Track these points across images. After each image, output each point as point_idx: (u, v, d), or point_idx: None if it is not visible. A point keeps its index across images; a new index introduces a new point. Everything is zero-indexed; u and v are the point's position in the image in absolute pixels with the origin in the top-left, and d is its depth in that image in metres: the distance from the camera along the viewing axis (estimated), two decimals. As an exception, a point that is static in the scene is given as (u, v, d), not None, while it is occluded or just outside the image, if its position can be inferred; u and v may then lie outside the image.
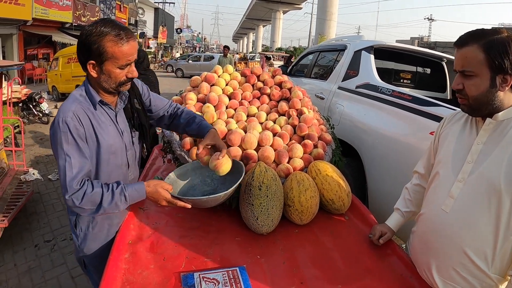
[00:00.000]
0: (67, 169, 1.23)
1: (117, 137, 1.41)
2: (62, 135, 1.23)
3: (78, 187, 1.23)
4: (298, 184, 1.60)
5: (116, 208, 1.30)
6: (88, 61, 1.24)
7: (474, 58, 1.05)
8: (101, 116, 1.35)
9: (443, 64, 3.90)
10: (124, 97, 1.45)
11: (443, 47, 13.60)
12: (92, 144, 1.32)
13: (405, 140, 2.35)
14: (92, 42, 1.20)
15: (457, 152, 1.19)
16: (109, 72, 1.27)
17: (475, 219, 1.10)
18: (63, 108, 1.27)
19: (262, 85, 2.33)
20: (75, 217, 1.47)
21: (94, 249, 1.50)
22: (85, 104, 1.31)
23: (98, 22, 1.23)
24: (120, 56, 1.24)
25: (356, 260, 1.44)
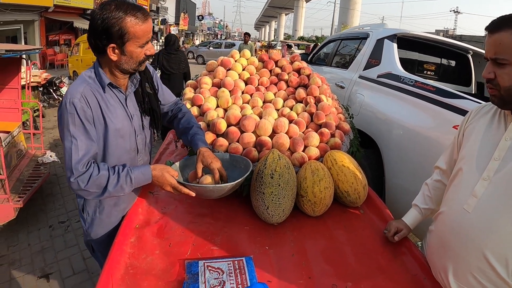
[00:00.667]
0: (73, 151, 1.21)
1: (126, 120, 1.39)
2: (69, 116, 1.21)
3: (84, 170, 1.21)
4: (313, 173, 1.54)
5: (121, 191, 1.28)
6: (109, 44, 1.22)
7: (509, 44, 0.96)
8: (110, 99, 1.33)
9: (469, 57, 3.77)
10: (135, 80, 1.43)
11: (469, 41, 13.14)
12: (100, 126, 1.30)
13: (427, 133, 2.26)
14: (111, 26, 1.18)
15: (483, 148, 1.10)
16: (131, 53, 1.26)
17: (499, 221, 1.02)
18: (71, 90, 1.25)
19: (280, 71, 2.27)
20: (82, 201, 1.46)
21: (100, 234, 1.50)
22: (94, 85, 1.29)
23: (110, 4, 1.19)
24: (141, 35, 1.24)
25: (369, 257, 1.38)
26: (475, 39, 10.76)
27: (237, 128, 1.79)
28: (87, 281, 2.58)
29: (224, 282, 1.13)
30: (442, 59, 3.99)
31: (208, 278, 1.15)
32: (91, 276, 2.62)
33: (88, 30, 1.26)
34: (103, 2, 1.23)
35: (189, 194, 1.34)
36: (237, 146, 1.71)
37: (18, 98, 4.03)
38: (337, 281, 1.22)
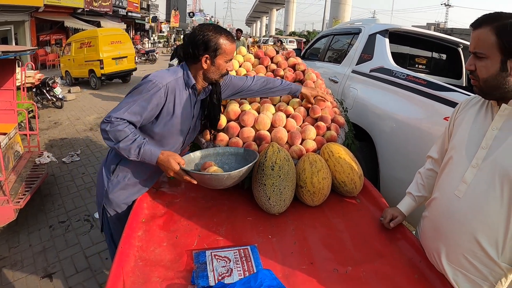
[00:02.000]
0: (123, 108, 1.44)
1: (188, 119, 1.62)
2: (144, 90, 1.44)
3: (117, 120, 1.42)
4: (311, 165, 1.60)
5: (128, 153, 1.44)
6: (204, 55, 1.49)
7: (486, 40, 1.04)
8: (185, 97, 1.56)
9: (459, 50, 3.81)
10: (207, 89, 1.65)
11: (460, 34, 13.24)
12: (167, 115, 1.53)
13: (419, 125, 2.31)
14: (210, 40, 1.47)
15: (472, 137, 1.17)
16: (219, 65, 1.53)
17: (487, 205, 1.08)
18: (162, 74, 1.49)
19: (275, 67, 2.31)
20: (116, 164, 1.62)
21: (119, 197, 1.64)
22: (180, 82, 1.53)
23: (209, 26, 1.52)
24: (229, 52, 1.53)
25: (366, 242, 1.44)
26: (466, 32, 10.82)
27: (236, 123, 1.83)
28: (90, 279, 2.60)
29: (231, 270, 1.19)
30: (433, 53, 4.05)
31: (216, 266, 1.20)
32: (94, 274, 2.64)
33: (188, 41, 1.52)
34: (202, 23, 1.49)
35: (191, 182, 1.46)
36: (237, 140, 1.76)
37: (13, 99, 4.02)
38: (338, 266, 1.28)
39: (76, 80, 11.64)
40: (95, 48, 10.69)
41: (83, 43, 11.03)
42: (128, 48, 11.83)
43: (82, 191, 4.03)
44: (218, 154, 1.70)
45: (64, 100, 8.23)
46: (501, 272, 1.10)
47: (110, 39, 11.16)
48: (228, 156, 1.69)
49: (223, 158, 1.69)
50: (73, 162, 4.87)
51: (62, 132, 6.29)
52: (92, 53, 10.72)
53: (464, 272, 1.16)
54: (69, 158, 4.92)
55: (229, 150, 1.70)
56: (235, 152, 1.70)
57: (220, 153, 1.70)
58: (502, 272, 1.10)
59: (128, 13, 23.79)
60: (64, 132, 6.30)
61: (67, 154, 5.09)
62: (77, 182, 4.24)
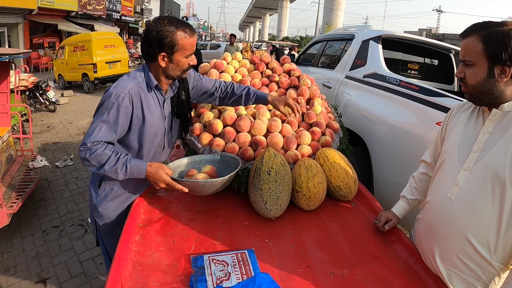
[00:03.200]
0: (95, 131, 1.40)
1: (160, 120, 1.58)
2: (109, 105, 1.40)
3: (94, 145, 1.39)
4: (306, 170, 1.62)
5: (115, 174, 1.42)
6: (160, 53, 1.41)
7: (473, 48, 1.09)
8: (151, 100, 1.52)
9: (451, 56, 3.88)
10: (174, 87, 1.61)
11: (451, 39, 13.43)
12: (138, 121, 1.49)
13: (412, 130, 2.35)
14: (164, 37, 1.38)
15: (464, 141, 1.20)
16: (178, 62, 1.45)
17: (479, 207, 1.11)
18: (121, 83, 1.44)
19: (270, 73, 2.34)
20: (100, 179, 1.60)
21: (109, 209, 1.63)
22: (142, 85, 1.48)
23: (164, 19, 1.41)
24: (188, 47, 1.44)
25: (362, 245, 1.46)
26: (457, 37, 10.98)
27: (233, 128, 1.85)
28: (84, 284, 2.58)
29: (229, 274, 1.20)
30: (425, 58, 4.11)
31: (214, 270, 1.21)
32: (89, 279, 2.62)
33: (143, 39, 1.46)
34: (157, 17, 1.45)
35: (182, 190, 1.46)
36: (234, 145, 1.78)
37: (7, 103, 3.99)
38: (334, 269, 1.30)
39: (69, 84, 11.57)
40: (89, 51, 10.65)
41: (77, 47, 10.98)
42: (121, 52, 11.82)
43: (75, 195, 4.01)
44: (195, 162, 1.71)
45: (57, 104, 8.18)
46: (494, 272, 1.13)
47: (104, 43, 11.13)
48: (205, 163, 1.71)
49: (201, 165, 1.70)
50: (67, 166, 4.84)
51: (55, 136, 6.25)
52: (86, 57, 10.68)
53: (458, 273, 1.19)
54: (62, 162, 4.89)
55: (206, 158, 1.73)
56: (211, 159, 1.72)
57: (196, 161, 1.71)
58: (495, 271, 1.13)
59: (121, 17, 23.71)
60: (57, 136, 6.26)
61: (60, 158, 5.06)
62: (70, 187, 4.22)
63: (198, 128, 1.84)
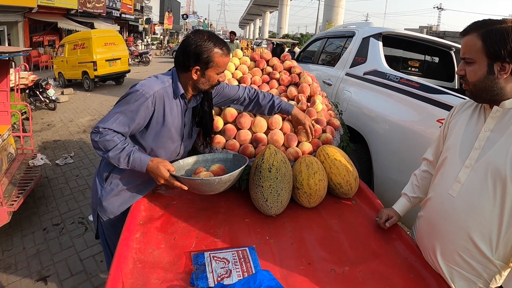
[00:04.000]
0: (111, 119, 1.42)
1: (179, 127, 1.59)
2: (132, 100, 1.42)
3: (105, 130, 1.42)
4: (307, 167, 1.61)
5: (118, 162, 1.44)
6: (195, 66, 1.45)
7: (473, 45, 1.10)
8: (175, 107, 1.53)
9: (452, 53, 3.87)
10: (198, 97, 1.64)
11: (452, 37, 13.41)
12: (157, 124, 1.51)
13: (412, 127, 2.34)
14: (202, 52, 1.41)
15: (465, 138, 1.20)
16: (209, 77, 1.49)
17: (480, 204, 1.11)
18: (149, 83, 1.46)
19: (271, 70, 2.33)
20: (109, 172, 1.61)
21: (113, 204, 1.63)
22: (168, 90, 1.50)
23: (204, 34, 1.44)
24: (222, 65, 1.48)
25: (363, 243, 1.46)
26: (458, 35, 10.95)
27: (233, 126, 1.85)
28: (85, 282, 2.59)
29: (230, 271, 1.20)
30: (425, 56, 4.10)
31: (215, 267, 1.21)
32: (89, 277, 2.63)
33: (179, 49, 1.47)
34: (197, 30, 1.49)
35: (181, 187, 1.45)
36: (234, 142, 1.78)
37: (7, 101, 3.99)
38: (335, 266, 1.30)
39: (69, 82, 11.56)
40: (89, 49, 10.64)
41: (77, 45, 10.97)
42: (121, 49, 11.80)
43: (76, 193, 4.01)
44: (207, 160, 1.70)
45: (57, 102, 8.17)
46: (495, 269, 1.13)
47: (104, 40, 11.12)
48: (217, 162, 1.69)
49: (212, 164, 1.68)
50: (67, 164, 4.84)
51: (55, 134, 6.25)
52: (86, 55, 10.67)
53: (459, 270, 1.19)
54: (62, 160, 4.89)
55: (218, 156, 1.71)
56: (224, 158, 1.70)
57: (209, 159, 1.70)
58: (496, 269, 1.13)
59: (121, 14, 23.70)
60: (57, 134, 6.25)
61: (60, 156, 5.06)
62: (70, 185, 4.22)
63: None
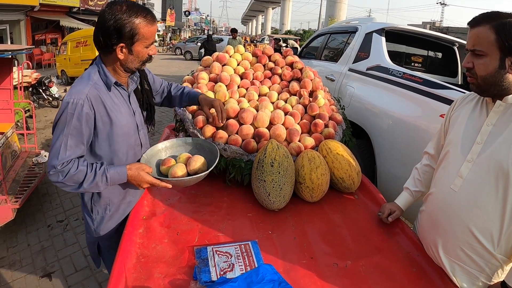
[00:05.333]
0: (61, 149, 1.23)
1: (130, 117, 1.42)
2: (68, 116, 1.22)
3: (64, 166, 1.24)
4: (310, 161, 1.61)
5: (96, 188, 1.31)
6: (118, 44, 1.25)
7: (485, 38, 1.06)
8: (114, 98, 1.36)
9: (455, 49, 3.84)
10: (135, 78, 1.47)
11: (455, 33, 13.32)
12: (105, 126, 1.32)
13: (415, 122, 2.34)
14: (123, 26, 1.21)
15: (467, 132, 1.20)
16: (138, 52, 1.30)
17: (482, 199, 1.11)
18: (75, 89, 1.26)
19: (273, 65, 2.33)
20: (91, 203, 1.47)
21: (109, 229, 1.53)
22: (99, 85, 1.31)
23: (122, 5, 1.23)
24: (149, 36, 1.28)
25: (365, 237, 1.46)
26: (461, 30, 10.88)
27: (235, 121, 1.85)
28: (89, 277, 2.60)
29: (233, 265, 1.20)
30: (429, 51, 4.08)
31: (218, 262, 1.21)
32: (94, 273, 2.64)
33: (96, 28, 1.26)
34: (112, 1, 1.26)
35: (166, 187, 1.42)
36: (237, 137, 1.77)
37: (10, 99, 4.00)
38: (337, 260, 1.31)
39: (72, 80, 11.54)
40: (91, 47, 10.61)
41: (79, 42, 10.96)
42: (124, 47, 11.77)
43: (80, 190, 4.02)
44: (167, 148, 1.63)
45: (60, 100, 8.18)
46: (497, 264, 1.13)
47: (106, 38, 11.10)
48: (177, 148, 1.64)
49: (173, 151, 1.63)
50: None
51: (58, 132, 6.25)
52: (88, 52, 10.66)
53: (461, 264, 1.18)
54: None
55: (176, 142, 1.65)
56: (183, 143, 1.65)
57: (168, 146, 1.63)
58: (499, 263, 1.13)
59: (123, 12, 23.65)
60: (60, 132, 6.26)
61: (64, 154, 5.06)
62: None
63: (201, 120, 1.83)
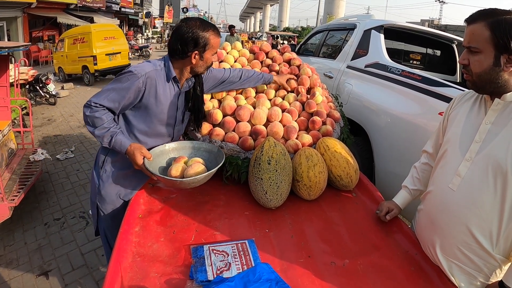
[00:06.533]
0: (103, 95, 1.50)
1: (172, 110, 1.65)
2: (124, 79, 1.50)
3: (97, 106, 1.49)
4: (307, 159, 1.60)
5: (101, 140, 1.52)
6: (194, 51, 1.53)
7: (480, 35, 1.06)
8: (167, 89, 1.60)
9: (453, 47, 3.83)
10: (190, 82, 1.68)
11: (454, 31, 13.33)
12: (147, 104, 1.56)
13: (414, 120, 2.33)
14: (199, 37, 1.51)
15: (466, 131, 1.18)
16: (207, 59, 1.58)
17: (481, 198, 1.10)
18: (142, 66, 1.54)
19: (270, 62, 2.31)
20: (103, 158, 1.67)
21: (111, 193, 1.67)
22: (161, 73, 1.57)
23: (196, 21, 1.53)
24: (216, 46, 1.59)
25: (363, 236, 1.45)
26: (460, 28, 10.87)
27: (232, 118, 1.83)
28: (86, 276, 2.59)
29: (230, 264, 1.19)
30: (427, 49, 4.07)
31: (214, 260, 1.20)
32: (91, 271, 2.63)
33: (175, 38, 1.53)
34: (187, 18, 1.59)
35: (152, 177, 1.56)
36: (234, 135, 1.76)
37: (7, 96, 3.97)
38: (335, 258, 1.30)
39: (70, 77, 11.53)
40: (89, 44, 10.60)
41: (76, 39, 10.93)
42: (121, 43, 11.75)
43: (76, 188, 4.01)
44: (194, 148, 1.71)
45: (57, 97, 8.16)
46: (496, 264, 1.12)
47: (104, 34, 11.07)
48: (202, 152, 1.69)
49: (198, 153, 1.69)
50: (67, 159, 4.84)
51: (55, 129, 6.24)
52: (86, 49, 10.63)
53: (458, 264, 1.18)
54: (63, 155, 4.89)
55: (204, 146, 1.70)
56: (209, 149, 1.69)
57: (195, 147, 1.71)
58: (497, 263, 1.12)
59: (121, 8, 23.60)
60: (57, 129, 6.25)
61: (61, 151, 5.05)
62: (71, 179, 4.21)
63: None
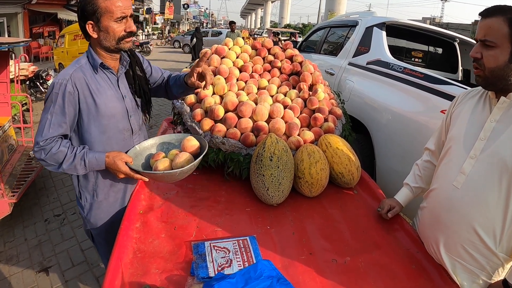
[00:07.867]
0: (45, 127, 1.31)
1: (118, 101, 1.44)
2: (53, 95, 1.31)
3: (47, 143, 1.31)
4: (309, 156, 1.59)
5: (75, 170, 1.37)
6: (86, 22, 1.31)
7: (498, 29, 1.04)
8: (101, 81, 1.40)
9: (456, 45, 3.82)
10: (125, 62, 1.49)
11: (455, 29, 13.27)
12: (88, 107, 1.36)
13: (415, 117, 2.32)
14: (86, 4, 1.27)
15: (470, 128, 1.18)
16: (107, 28, 1.31)
17: (485, 196, 1.09)
18: (62, 72, 1.35)
19: (272, 58, 2.31)
20: (78, 189, 1.52)
21: (100, 220, 1.56)
22: (86, 68, 1.37)
23: None
24: (113, 9, 1.28)
25: (364, 233, 1.44)
26: (461, 27, 10.85)
27: (234, 114, 1.82)
28: (87, 272, 2.59)
29: (231, 261, 1.19)
30: (429, 46, 4.06)
31: (215, 257, 1.20)
32: (91, 267, 2.63)
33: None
34: None
35: (143, 180, 1.43)
36: (235, 131, 1.75)
37: (7, 92, 3.97)
38: (336, 256, 1.29)
39: (70, 73, 11.50)
40: (89, 40, 10.57)
41: (77, 35, 10.86)
42: (122, 40, 11.71)
43: (77, 184, 4.00)
44: (164, 142, 1.61)
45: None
46: (499, 262, 1.12)
47: (104, 31, 11.03)
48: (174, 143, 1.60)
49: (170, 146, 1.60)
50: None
51: (56, 126, 6.22)
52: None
53: (462, 262, 1.17)
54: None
55: (175, 137, 1.61)
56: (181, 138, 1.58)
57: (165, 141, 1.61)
58: (500, 262, 1.11)
59: (122, 5, 23.51)
60: (58, 126, 6.23)
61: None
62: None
63: (199, 113, 1.81)
